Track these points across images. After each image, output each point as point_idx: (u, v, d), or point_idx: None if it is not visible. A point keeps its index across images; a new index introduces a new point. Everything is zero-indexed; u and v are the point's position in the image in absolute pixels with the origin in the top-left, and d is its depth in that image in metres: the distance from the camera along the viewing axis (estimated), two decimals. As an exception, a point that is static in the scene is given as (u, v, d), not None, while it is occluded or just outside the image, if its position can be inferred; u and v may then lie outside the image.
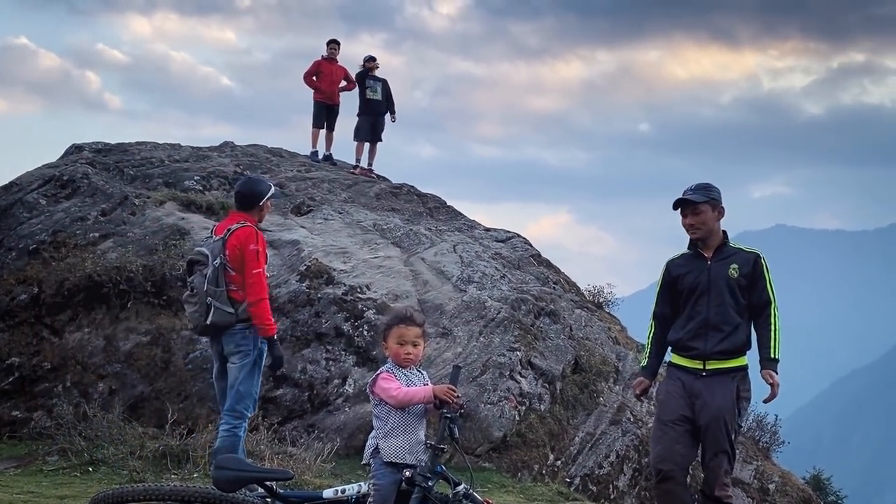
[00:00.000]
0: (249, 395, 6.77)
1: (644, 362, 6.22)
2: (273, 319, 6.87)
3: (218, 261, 6.69)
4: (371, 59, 16.37)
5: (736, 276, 5.77)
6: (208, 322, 6.70)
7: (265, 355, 6.97)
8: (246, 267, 6.69)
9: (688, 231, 5.91)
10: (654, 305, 6.12)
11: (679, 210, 5.91)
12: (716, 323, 5.74)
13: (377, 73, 16.37)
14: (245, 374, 6.76)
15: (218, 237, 6.84)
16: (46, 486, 7.95)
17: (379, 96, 16.19)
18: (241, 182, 7.39)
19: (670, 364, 6.03)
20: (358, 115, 16.37)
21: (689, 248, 6.01)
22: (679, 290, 5.91)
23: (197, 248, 7.00)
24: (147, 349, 10.76)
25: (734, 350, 5.75)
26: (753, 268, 5.81)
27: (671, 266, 6.02)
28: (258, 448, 8.91)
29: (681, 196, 5.90)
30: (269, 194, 7.14)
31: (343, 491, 4.66)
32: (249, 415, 6.87)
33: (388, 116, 16.43)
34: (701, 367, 5.77)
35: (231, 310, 6.68)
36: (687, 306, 5.86)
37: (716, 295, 5.76)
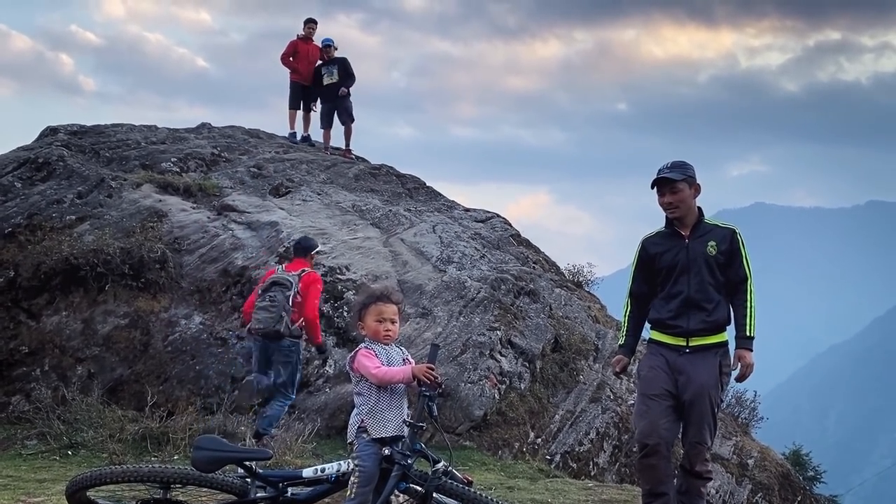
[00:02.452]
0: (292, 384, 8.96)
1: (622, 340, 6.17)
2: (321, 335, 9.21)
3: (295, 289, 8.77)
4: (327, 45, 16.20)
5: (714, 253, 5.72)
6: (277, 329, 8.66)
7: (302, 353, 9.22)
8: (309, 299, 8.83)
9: (665, 210, 5.83)
10: (629, 283, 6.06)
11: (656, 189, 5.83)
12: (697, 301, 5.68)
13: (335, 54, 16.21)
14: (288, 374, 8.86)
15: (294, 272, 8.92)
16: (25, 470, 7.92)
17: (335, 79, 15.95)
18: (301, 239, 9.54)
19: (651, 341, 5.97)
20: (320, 102, 16.28)
21: (665, 226, 5.94)
22: (657, 269, 5.85)
23: (281, 276, 8.92)
24: (126, 332, 10.71)
25: (716, 327, 5.73)
26: (730, 244, 5.77)
27: (647, 244, 5.94)
28: (239, 429, 8.91)
29: (657, 175, 5.82)
30: (318, 248, 9.64)
31: (323, 470, 4.65)
32: (293, 397, 9.07)
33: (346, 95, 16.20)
34: (684, 343, 5.72)
35: (289, 325, 8.74)
36: (666, 285, 5.81)
37: (695, 273, 5.71)
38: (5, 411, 10.21)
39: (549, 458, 10.16)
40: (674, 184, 5.76)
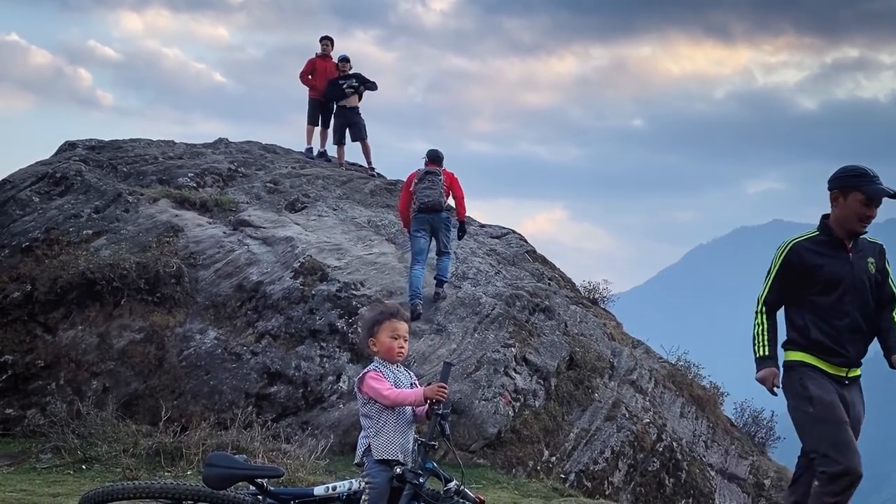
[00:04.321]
0: (449, 244, 11.57)
1: (764, 352, 5.26)
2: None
3: (442, 178, 11.38)
4: (343, 60, 16.17)
5: (873, 271, 5.16)
6: (441, 201, 11.19)
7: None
8: (456, 185, 11.49)
9: (860, 223, 5.10)
10: (764, 291, 5.31)
11: (864, 199, 5.05)
12: (863, 326, 5.12)
13: (350, 70, 16.15)
14: (448, 237, 11.48)
15: (436, 168, 11.57)
16: (39, 484, 7.93)
17: (355, 84, 15.83)
18: (435, 151, 11.86)
19: (803, 364, 5.19)
20: (334, 117, 16.22)
21: (820, 232, 5.22)
22: (814, 280, 5.12)
23: (431, 168, 11.52)
24: (141, 346, 10.74)
25: (864, 355, 5.21)
26: (882, 260, 5.22)
27: (801, 250, 5.17)
28: (252, 445, 8.88)
29: (879, 185, 5.05)
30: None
31: (334, 488, 4.62)
32: (451, 254, 11.78)
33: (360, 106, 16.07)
34: (844, 374, 5.14)
35: (445, 200, 11.34)
36: (826, 302, 5.12)
37: (861, 293, 5.11)
38: (20, 425, 10.24)
39: (563, 476, 10.09)
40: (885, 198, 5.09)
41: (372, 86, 15.94)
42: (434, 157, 11.78)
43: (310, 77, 16.33)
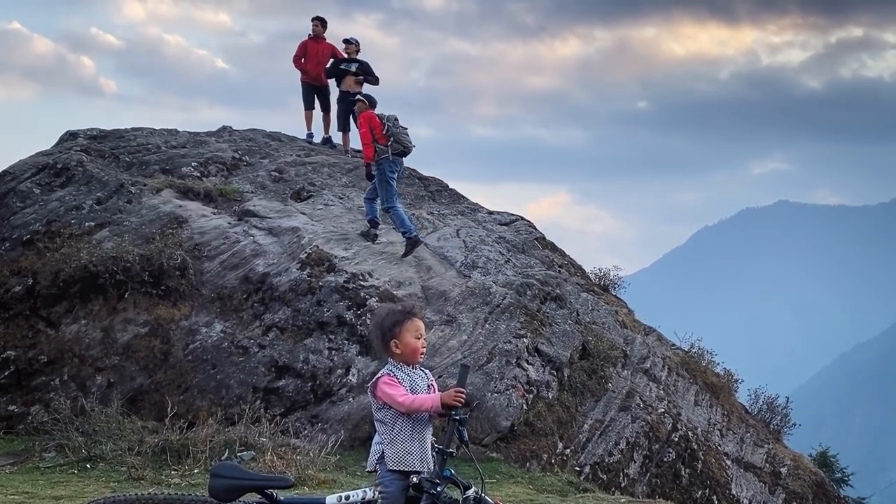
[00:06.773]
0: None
1: None
2: None
3: None
4: (349, 42, 15.83)
5: None
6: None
7: None
8: None
9: None
10: None
11: None
12: None
13: (358, 56, 15.78)
14: None
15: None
16: (42, 486, 7.73)
17: (353, 68, 15.51)
18: (373, 96, 12.69)
19: None
20: (336, 102, 15.88)
21: None
22: None
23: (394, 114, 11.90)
24: (146, 340, 10.54)
25: None
26: None
27: None
28: (260, 441, 8.70)
29: None
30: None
31: (347, 497, 4.40)
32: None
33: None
34: None
35: None
36: None
37: None
38: (24, 422, 10.06)
39: (577, 469, 9.89)
40: None
41: (374, 80, 15.60)
42: (374, 103, 12.47)
43: (302, 61, 15.98)
